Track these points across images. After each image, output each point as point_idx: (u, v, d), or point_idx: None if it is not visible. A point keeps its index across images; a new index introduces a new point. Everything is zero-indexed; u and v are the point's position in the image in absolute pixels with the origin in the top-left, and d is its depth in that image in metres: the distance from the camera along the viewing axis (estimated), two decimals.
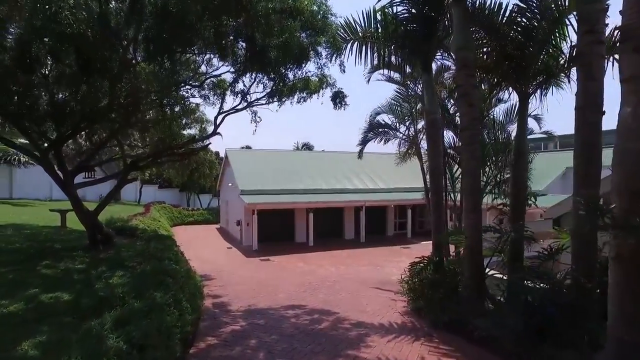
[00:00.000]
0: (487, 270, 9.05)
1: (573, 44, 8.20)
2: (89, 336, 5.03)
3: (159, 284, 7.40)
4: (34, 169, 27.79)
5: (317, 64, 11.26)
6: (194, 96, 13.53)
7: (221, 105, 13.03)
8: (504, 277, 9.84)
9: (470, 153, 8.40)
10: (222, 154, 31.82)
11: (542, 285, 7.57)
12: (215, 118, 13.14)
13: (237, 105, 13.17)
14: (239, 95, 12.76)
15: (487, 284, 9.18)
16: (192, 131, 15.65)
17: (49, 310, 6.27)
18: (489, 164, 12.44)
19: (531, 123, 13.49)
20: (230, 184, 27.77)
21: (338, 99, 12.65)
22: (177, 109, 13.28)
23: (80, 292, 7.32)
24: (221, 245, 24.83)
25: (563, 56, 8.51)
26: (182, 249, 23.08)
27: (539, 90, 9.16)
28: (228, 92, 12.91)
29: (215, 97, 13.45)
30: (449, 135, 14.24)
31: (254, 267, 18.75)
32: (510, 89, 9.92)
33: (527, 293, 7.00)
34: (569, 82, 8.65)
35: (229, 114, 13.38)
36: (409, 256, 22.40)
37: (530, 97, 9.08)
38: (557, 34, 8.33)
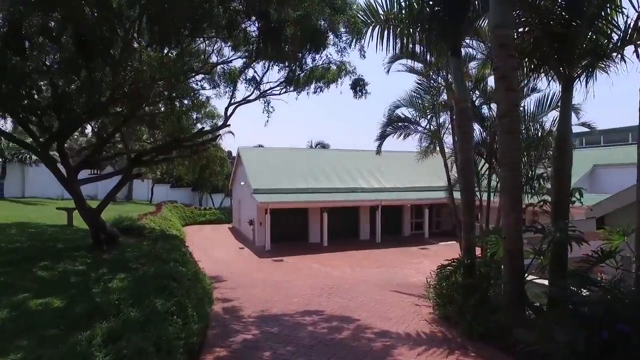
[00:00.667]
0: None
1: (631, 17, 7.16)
2: (73, 354, 4.18)
3: (161, 288, 6.53)
4: (45, 168, 27.37)
5: (337, 47, 10.34)
6: (204, 88, 12.75)
7: (232, 94, 12.18)
8: (538, 282, 8.84)
9: (509, 143, 7.39)
10: (234, 154, 31.11)
11: (591, 292, 6.58)
12: (226, 109, 12.31)
13: (249, 96, 12.32)
14: (252, 83, 11.90)
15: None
16: (201, 125, 14.93)
17: (34, 320, 5.45)
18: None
19: None
20: (242, 183, 26.97)
21: (358, 86, 11.70)
22: (186, 101, 12.48)
23: (74, 297, 6.50)
24: (233, 245, 24.05)
25: (617, 32, 7.45)
26: (193, 249, 22.32)
27: (584, 75, 8.10)
28: (240, 80, 12.05)
29: (226, 85, 12.59)
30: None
31: (266, 268, 17.91)
32: (548, 75, 8.88)
33: (588, 305, 5.95)
34: (624, 62, 7.56)
35: (240, 104, 12.52)
36: (427, 257, 21.40)
37: (575, 82, 8.03)
38: (611, 6, 7.29)
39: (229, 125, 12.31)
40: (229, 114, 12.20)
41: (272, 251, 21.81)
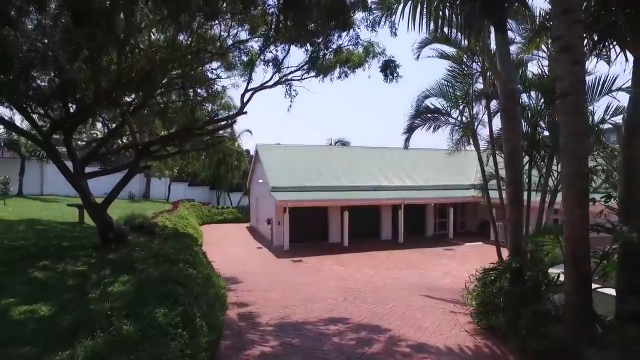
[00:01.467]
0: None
1: None
2: None
3: (165, 295, 5.53)
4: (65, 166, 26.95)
5: (367, 22, 9.19)
6: (219, 77, 11.75)
7: (249, 78, 11.09)
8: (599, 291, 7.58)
9: (574, 126, 6.16)
10: (252, 153, 30.17)
11: None
12: (242, 95, 11.23)
13: (267, 81, 11.27)
14: (271, 64, 10.78)
15: None
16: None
17: (10, 334, 4.47)
18: None
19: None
20: (260, 181, 26.03)
21: (389, 69, 10.56)
22: (201, 91, 11.52)
23: (65, 304, 5.53)
24: (251, 244, 23.11)
25: None
26: (209, 248, 21.44)
27: None
28: (257, 62, 10.95)
29: (243, 70, 11.52)
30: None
31: (285, 269, 16.88)
32: (613, 49, 7.60)
33: None
34: None
35: (257, 90, 11.41)
36: (453, 259, 20.07)
37: None
38: None
39: (245, 112, 11.24)
40: (245, 100, 11.13)
41: (291, 251, 20.78)
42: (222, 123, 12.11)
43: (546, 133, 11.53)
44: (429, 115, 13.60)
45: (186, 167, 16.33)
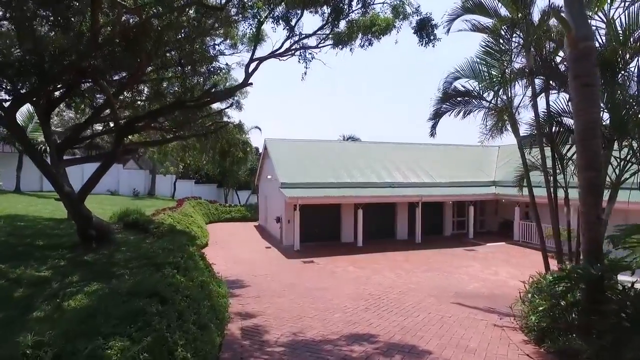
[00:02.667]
0: None
1: None
2: None
3: (133, 315, 3.82)
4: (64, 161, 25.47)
5: None
6: (222, 53, 10.04)
7: (255, 45, 9.26)
8: None
9: None
10: (260, 151, 28.40)
11: None
12: (247, 66, 9.46)
13: (277, 50, 9.47)
14: (281, 22, 8.90)
15: None
16: (222, 105, 12.18)
17: None
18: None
19: None
20: (269, 176, 24.32)
21: (425, 30, 8.80)
22: (201, 68, 9.82)
23: None
24: (259, 244, 21.39)
25: None
26: (215, 248, 19.79)
27: None
28: (265, 19, 9.09)
29: (248, 41, 9.80)
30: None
31: (296, 271, 15.14)
32: None
33: None
34: None
35: (264, 60, 9.60)
36: (476, 260, 18.20)
37: None
38: None
39: (251, 84, 9.48)
40: (251, 70, 9.31)
41: (302, 251, 19.05)
42: (220, 113, 10.39)
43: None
44: (458, 98, 11.78)
45: (186, 158, 14.43)
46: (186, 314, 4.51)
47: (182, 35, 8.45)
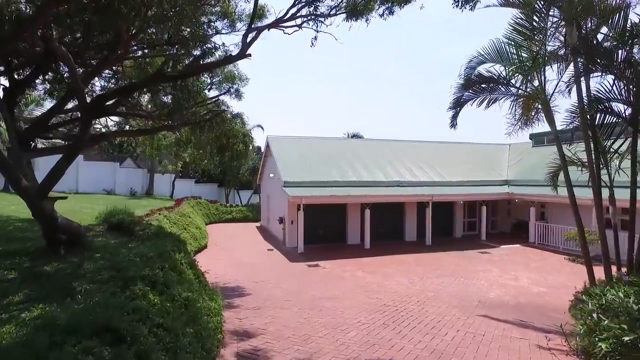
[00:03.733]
0: None
1: None
2: None
3: None
4: (57, 158, 23.93)
5: None
6: (219, 32, 8.61)
7: (254, 9, 7.78)
8: None
9: None
10: (263, 150, 26.91)
11: None
12: (245, 35, 7.98)
13: (281, 17, 8.03)
14: None
15: None
16: (217, 92, 10.71)
17: None
18: None
19: None
20: (271, 175, 22.92)
21: None
22: (194, 50, 8.41)
23: None
24: (261, 246, 19.97)
25: None
26: (214, 250, 18.33)
27: None
28: None
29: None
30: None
31: (300, 276, 13.73)
32: None
33: None
34: None
35: (262, 30, 8.09)
36: (492, 264, 16.76)
37: None
38: None
39: (249, 55, 8.03)
40: (249, 40, 7.81)
41: (306, 254, 17.65)
42: (213, 97, 8.93)
43: None
44: (482, 85, 10.38)
45: (182, 153, 12.87)
46: (152, 356, 3.10)
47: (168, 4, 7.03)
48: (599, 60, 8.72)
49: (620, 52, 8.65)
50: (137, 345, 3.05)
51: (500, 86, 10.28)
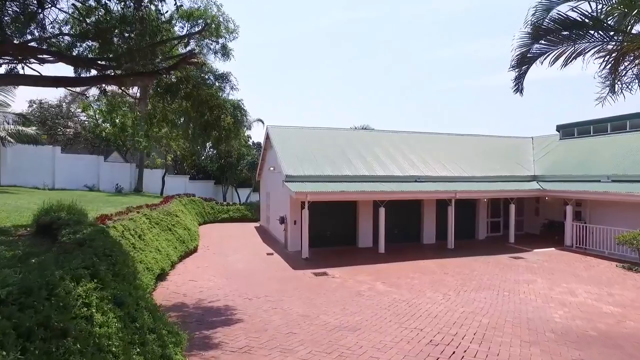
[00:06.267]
0: None
1: None
2: None
3: None
4: (28, 151, 20.86)
5: None
6: None
7: None
8: None
9: None
10: (263, 143, 23.67)
11: None
12: None
13: None
14: None
15: None
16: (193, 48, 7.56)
17: None
18: None
19: None
20: (271, 168, 19.82)
21: None
22: None
23: None
24: (259, 249, 16.83)
25: None
26: (205, 255, 15.00)
27: None
28: None
29: None
30: None
31: (307, 290, 10.61)
32: None
33: None
34: None
35: None
36: (533, 272, 13.49)
37: None
38: None
39: None
40: None
41: (311, 260, 14.57)
42: None
43: None
44: (563, 32, 7.28)
45: (151, 131, 9.52)
46: None
47: None
48: None
49: None
50: None
51: (593, 32, 7.17)
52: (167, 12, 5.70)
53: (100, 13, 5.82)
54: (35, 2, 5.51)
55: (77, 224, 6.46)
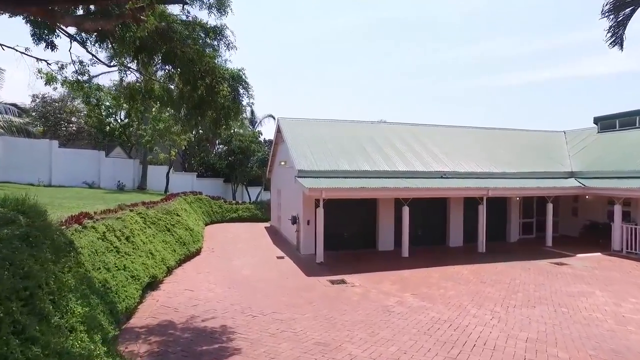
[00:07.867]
0: None
1: None
2: None
3: None
4: (22, 145, 19.26)
5: None
6: None
7: None
8: None
9: None
10: (274, 138, 21.69)
11: None
12: None
13: None
14: None
15: None
16: None
17: None
18: None
19: None
20: (282, 163, 17.94)
21: None
22: None
23: None
24: (269, 252, 14.94)
25: None
26: (208, 258, 13.48)
27: None
28: None
29: None
30: None
31: (324, 305, 8.66)
32: None
33: None
34: None
35: None
36: (585, 281, 11.08)
37: None
38: None
39: None
40: None
41: (327, 264, 12.66)
42: None
43: None
44: None
45: (135, 106, 7.72)
46: None
47: None
48: None
49: None
50: None
51: None
52: None
53: None
54: None
55: (15, 222, 4.69)
